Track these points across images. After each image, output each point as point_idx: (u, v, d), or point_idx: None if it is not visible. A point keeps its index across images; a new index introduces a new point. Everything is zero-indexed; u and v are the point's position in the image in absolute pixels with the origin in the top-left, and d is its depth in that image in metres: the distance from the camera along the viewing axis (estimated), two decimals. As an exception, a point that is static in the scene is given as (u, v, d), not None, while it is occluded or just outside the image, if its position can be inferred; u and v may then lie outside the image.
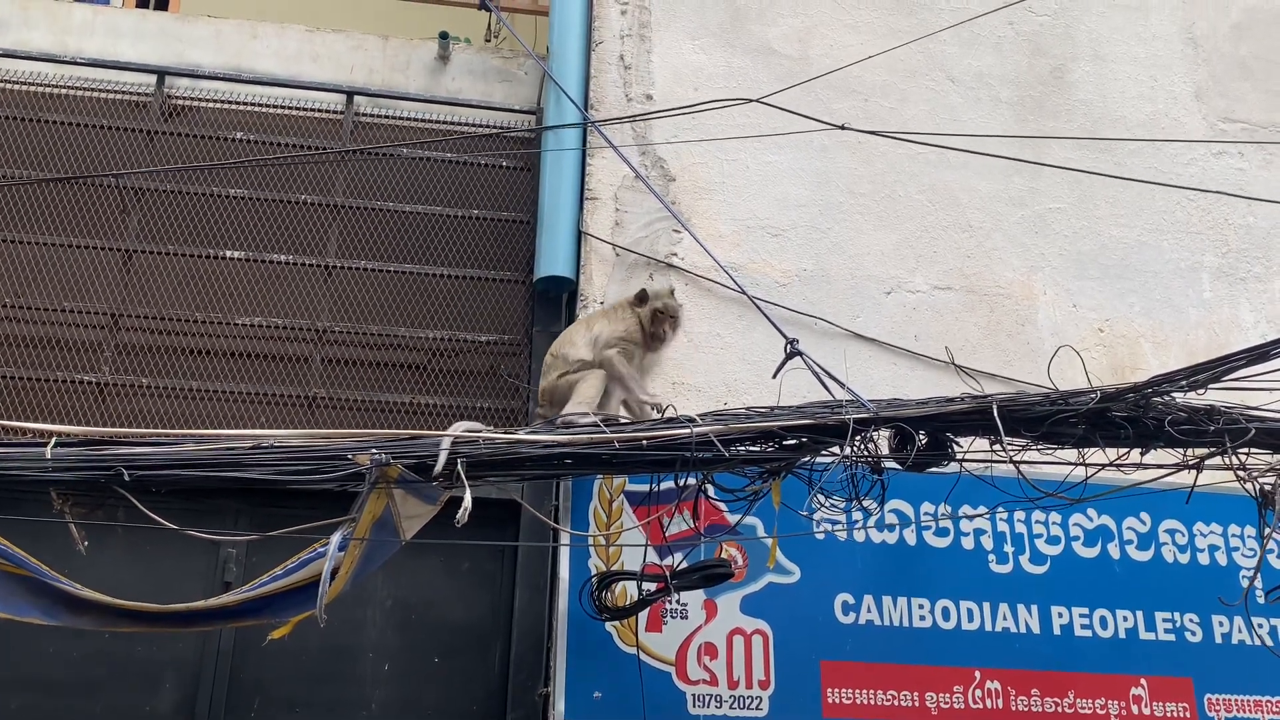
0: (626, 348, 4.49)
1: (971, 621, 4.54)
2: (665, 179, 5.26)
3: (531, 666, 4.42)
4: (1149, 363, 5.22)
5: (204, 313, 4.99)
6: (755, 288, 4.96)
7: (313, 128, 5.41)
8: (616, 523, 4.45)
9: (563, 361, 4.43)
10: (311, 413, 4.89)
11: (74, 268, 5.00)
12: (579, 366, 4.38)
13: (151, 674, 4.31)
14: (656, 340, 4.61)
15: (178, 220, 5.14)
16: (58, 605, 3.47)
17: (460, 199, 5.36)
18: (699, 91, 5.38)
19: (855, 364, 4.90)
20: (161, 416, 4.80)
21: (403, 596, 4.55)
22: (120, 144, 5.25)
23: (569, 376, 4.35)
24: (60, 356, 4.86)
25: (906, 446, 3.68)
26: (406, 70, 5.64)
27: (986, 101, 5.74)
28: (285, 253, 5.14)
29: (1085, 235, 5.54)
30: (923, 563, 4.62)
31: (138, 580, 4.13)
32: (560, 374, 4.39)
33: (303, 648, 4.30)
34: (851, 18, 5.81)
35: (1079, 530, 4.74)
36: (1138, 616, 4.64)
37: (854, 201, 5.41)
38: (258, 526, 3.90)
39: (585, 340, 4.45)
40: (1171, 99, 5.92)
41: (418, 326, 5.09)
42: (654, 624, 4.35)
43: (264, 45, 5.58)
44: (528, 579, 4.55)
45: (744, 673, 4.34)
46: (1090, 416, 3.63)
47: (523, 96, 5.64)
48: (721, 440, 3.55)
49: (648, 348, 4.62)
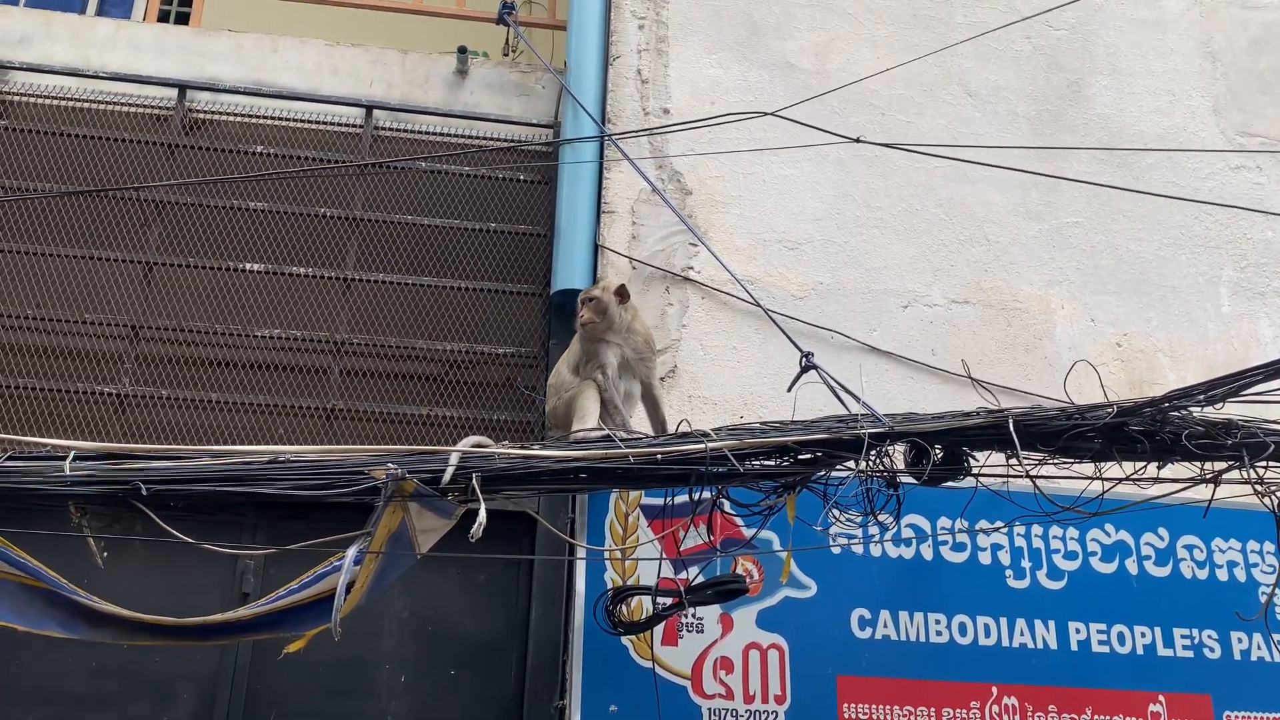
0: (598, 365, 4.32)
1: (988, 637, 4.53)
2: (682, 192, 5.28)
3: (547, 679, 4.42)
4: (1167, 377, 5.20)
5: (224, 325, 5.03)
6: (771, 301, 4.96)
7: (332, 141, 5.45)
8: (632, 536, 4.46)
9: (555, 391, 4.41)
10: (330, 424, 4.91)
11: (95, 280, 5.04)
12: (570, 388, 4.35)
13: (168, 687, 4.33)
14: (584, 328, 4.31)
15: (198, 233, 5.18)
16: (76, 618, 3.49)
17: (478, 212, 5.39)
18: (716, 105, 5.40)
19: (871, 378, 4.89)
20: (181, 427, 4.83)
21: (419, 609, 4.56)
22: (142, 157, 5.29)
23: (565, 397, 4.33)
24: (81, 368, 4.90)
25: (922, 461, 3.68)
26: (425, 84, 5.67)
27: (1004, 115, 5.74)
28: (305, 265, 5.18)
29: (1103, 249, 5.53)
30: (939, 578, 4.60)
31: (156, 593, 4.15)
32: (555, 400, 4.38)
33: (319, 660, 4.31)
34: (869, 32, 5.82)
35: (1096, 546, 4.73)
36: (1156, 633, 4.61)
37: (871, 215, 5.41)
38: (275, 540, 3.92)
39: (568, 368, 4.43)
40: (1189, 113, 5.91)
41: (435, 339, 5.12)
42: (670, 638, 4.35)
43: (284, 59, 5.62)
44: (543, 592, 4.56)
45: (760, 687, 4.33)
46: (1107, 431, 3.61)
47: (540, 110, 5.67)
48: (736, 455, 3.54)
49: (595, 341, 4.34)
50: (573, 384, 4.34)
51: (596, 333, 4.33)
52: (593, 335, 4.34)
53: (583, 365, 4.34)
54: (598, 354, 4.33)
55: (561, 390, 4.37)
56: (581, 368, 4.34)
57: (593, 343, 4.35)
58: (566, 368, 4.42)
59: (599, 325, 4.32)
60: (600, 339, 4.34)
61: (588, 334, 4.35)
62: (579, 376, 4.34)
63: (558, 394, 4.38)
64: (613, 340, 4.36)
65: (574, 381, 4.34)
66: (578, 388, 4.30)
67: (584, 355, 4.36)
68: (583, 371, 4.33)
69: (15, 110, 5.32)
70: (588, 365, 4.33)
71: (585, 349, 4.36)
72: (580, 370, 4.35)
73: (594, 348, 4.35)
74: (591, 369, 4.31)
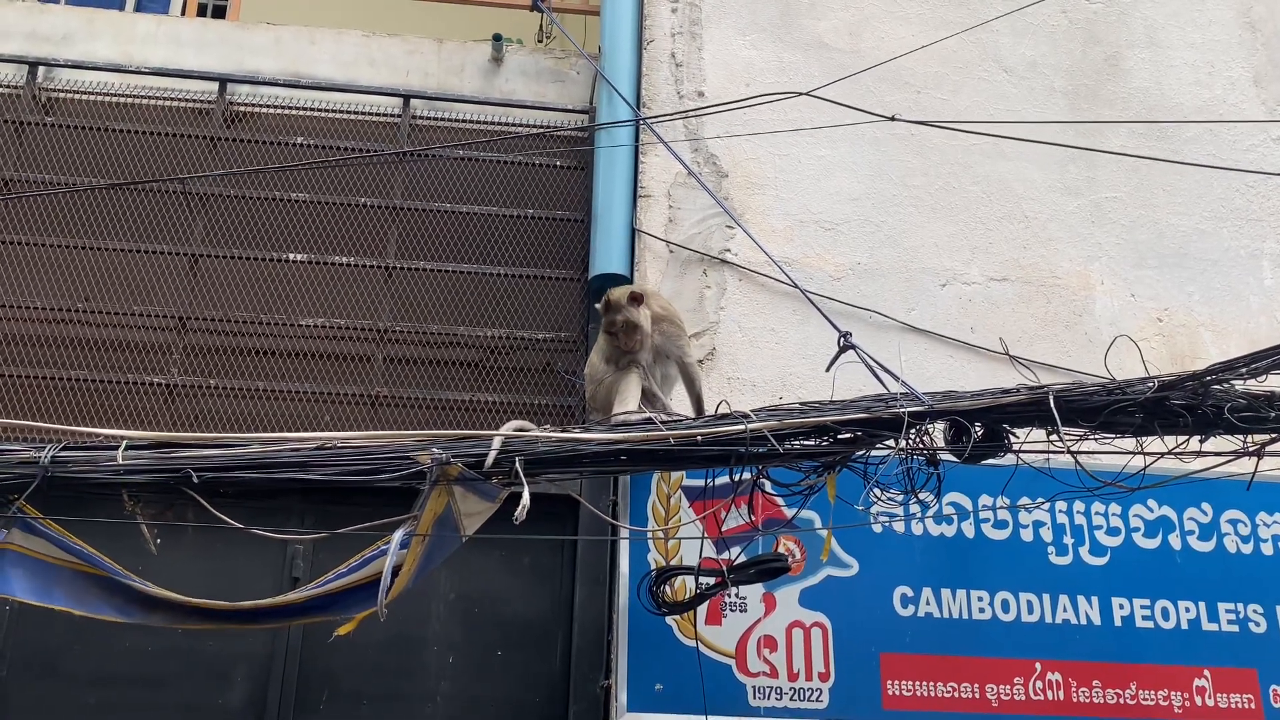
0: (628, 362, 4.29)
1: (1031, 613, 4.52)
2: (718, 175, 5.29)
3: (592, 659, 4.47)
4: (1209, 352, 5.16)
5: (268, 314, 5.10)
6: (809, 282, 4.97)
7: (371, 131, 5.51)
8: (674, 518, 4.49)
9: (591, 380, 4.42)
10: (374, 411, 4.98)
11: (142, 272, 5.12)
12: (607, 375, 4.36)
13: (223, 669, 4.41)
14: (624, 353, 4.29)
15: (242, 224, 5.25)
16: (131, 603, 3.56)
17: (515, 199, 5.43)
18: (750, 87, 5.40)
19: (910, 357, 4.89)
20: (228, 416, 4.91)
21: (465, 591, 4.62)
22: (185, 150, 5.37)
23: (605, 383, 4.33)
24: (130, 359, 4.99)
25: (962, 439, 3.68)
26: (461, 73, 5.71)
27: (1040, 91, 5.70)
28: (346, 254, 5.24)
29: (1143, 224, 5.49)
30: (981, 555, 4.60)
31: (208, 578, 4.23)
32: (594, 387, 4.38)
33: (369, 641, 4.38)
34: (902, 9, 5.79)
35: (1139, 521, 4.71)
36: (1200, 608, 4.59)
37: (908, 194, 5.40)
38: (323, 524, 3.97)
39: (601, 358, 4.41)
40: (1229, 84, 5.84)
41: (476, 325, 5.17)
42: (713, 617, 4.38)
43: (322, 51, 5.68)
44: (588, 573, 4.60)
45: (804, 665, 4.35)
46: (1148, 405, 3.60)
47: (575, 96, 5.69)
48: (775, 435, 3.56)
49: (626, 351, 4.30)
50: (607, 372, 4.35)
51: (639, 346, 4.29)
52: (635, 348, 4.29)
53: (618, 357, 4.36)
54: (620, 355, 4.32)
55: (598, 378, 4.39)
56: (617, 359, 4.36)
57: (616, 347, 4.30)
58: (600, 358, 4.42)
59: (640, 339, 4.29)
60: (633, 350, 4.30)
61: (630, 349, 4.28)
62: (613, 366, 4.35)
63: (595, 382, 4.40)
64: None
65: (608, 370, 4.35)
66: (617, 374, 4.32)
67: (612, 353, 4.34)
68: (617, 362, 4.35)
69: (60, 106, 5.41)
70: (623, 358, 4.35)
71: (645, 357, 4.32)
72: (613, 361, 4.36)
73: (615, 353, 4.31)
74: (626, 360, 4.33)
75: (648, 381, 4.32)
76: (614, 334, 4.28)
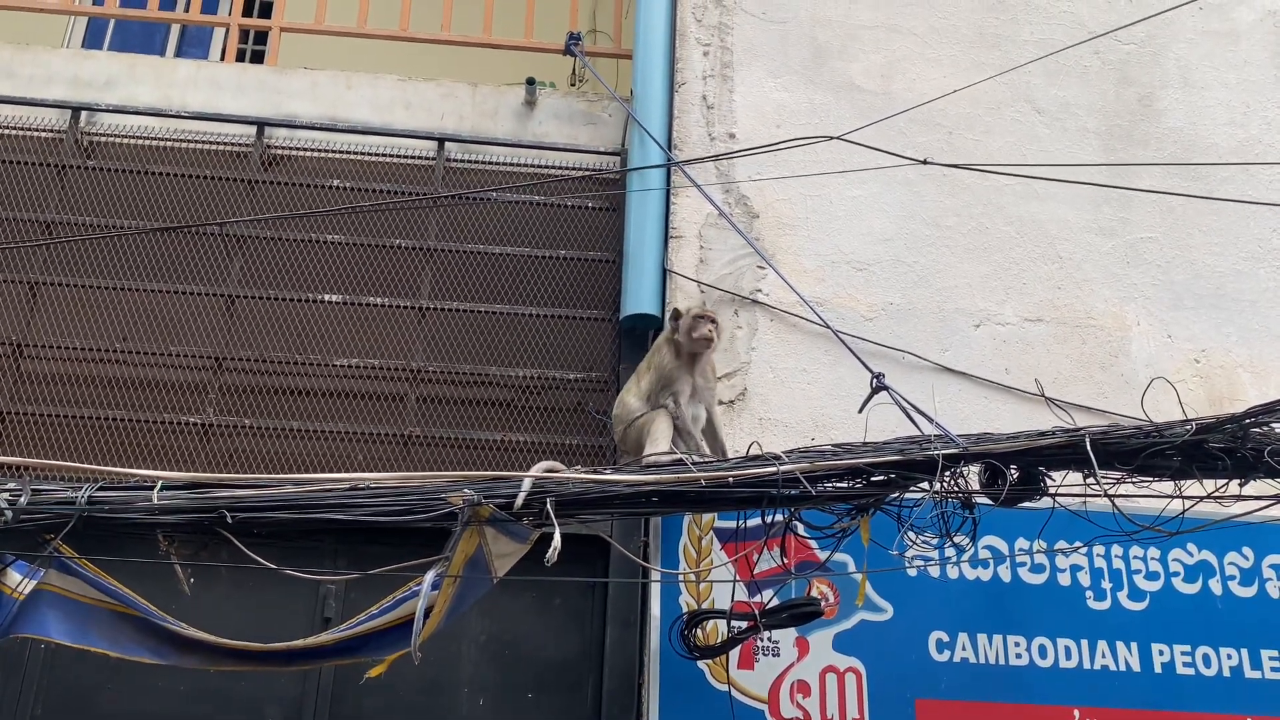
0: (672, 392, 4.36)
1: (1069, 659, 4.47)
2: (749, 216, 5.30)
3: (623, 702, 4.44)
4: (1248, 393, 5.10)
5: (303, 354, 5.14)
6: (841, 322, 4.96)
7: (406, 174, 5.56)
8: (706, 560, 4.47)
9: (621, 421, 4.43)
10: (406, 450, 4.99)
11: (179, 313, 5.18)
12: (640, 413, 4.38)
13: (255, 709, 4.41)
14: (703, 341, 4.34)
15: (278, 266, 5.30)
16: (165, 644, 3.58)
17: (548, 240, 5.46)
18: (781, 129, 5.42)
19: (944, 398, 4.87)
20: (263, 455, 4.94)
21: (496, 632, 4.61)
22: (222, 193, 5.44)
23: (636, 423, 4.34)
24: (167, 398, 5.03)
25: (998, 481, 3.66)
26: (495, 116, 5.77)
27: (1073, 132, 5.69)
28: (381, 295, 5.28)
29: (1178, 265, 5.45)
30: (1018, 600, 4.55)
31: (241, 618, 4.24)
32: (624, 427, 4.40)
33: (401, 682, 4.38)
34: (934, 52, 5.81)
35: (1179, 566, 4.65)
36: (1243, 654, 4.52)
37: (940, 235, 5.39)
38: (355, 565, 3.98)
39: (636, 395, 4.44)
40: (1265, 124, 5.81)
41: (508, 365, 5.18)
42: (746, 661, 4.35)
43: (358, 95, 5.74)
44: (618, 615, 4.58)
45: (838, 711, 4.31)
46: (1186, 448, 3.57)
47: (608, 138, 5.73)
48: (808, 477, 3.55)
49: (693, 360, 4.40)
50: (640, 409, 4.36)
51: (707, 349, 4.38)
52: (701, 349, 4.37)
53: (656, 392, 4.36)
54: (675, 380, 4.36)
55: (628, 418, 4.39)
56: (655, 394, 4.36)
57: (678, 368, 4.37)
58: (633, 396, 4.42)
59: (712, 344, 4.38)
60: (685, 365, 4.37)
61: (697, 348, 4.36)
62: (648, 404, 4.36)
63: (624, 422, 4.41)
64: (692, 367, 4.40)
65: (641, 408, 4.36)
66: (649, 414, 4.32)
67: (660, 382, 4.37)
68: (655, 399, 4.36)
69: (102, 150, 5.49)
70: (662, 392, 4.34)
71: (665, 374, 4.37)
72: (652, 398, 4.37)
73: (675, 374, 4.36)
74: (665, 395, 4.34)
75: (682, 419, 4.32)
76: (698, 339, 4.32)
